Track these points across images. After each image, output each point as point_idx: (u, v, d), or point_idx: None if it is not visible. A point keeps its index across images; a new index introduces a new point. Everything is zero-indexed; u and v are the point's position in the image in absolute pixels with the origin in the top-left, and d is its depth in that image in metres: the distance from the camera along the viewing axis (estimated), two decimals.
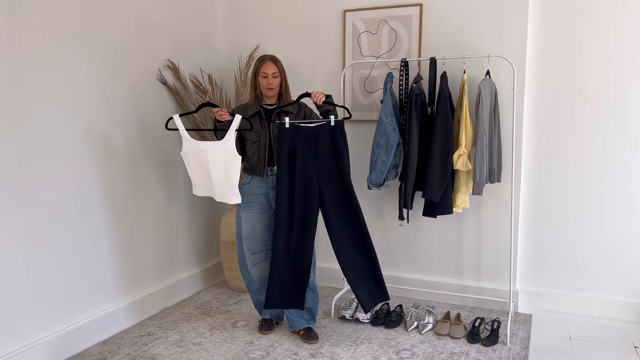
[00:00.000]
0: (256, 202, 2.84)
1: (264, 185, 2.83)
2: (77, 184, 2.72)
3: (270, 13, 3.72)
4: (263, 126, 2.79)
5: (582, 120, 3.08)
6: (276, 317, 3.04)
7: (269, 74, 2.75)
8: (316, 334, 2.89)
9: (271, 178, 2.81)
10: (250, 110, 2.81)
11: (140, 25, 3.09)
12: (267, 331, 2.95)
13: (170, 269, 3.45)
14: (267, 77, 2.76)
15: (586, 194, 3.12)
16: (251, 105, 2.83)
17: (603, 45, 2.99)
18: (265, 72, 2.75)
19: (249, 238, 2.88)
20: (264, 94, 2.80)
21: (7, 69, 2.35)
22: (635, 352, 2.73)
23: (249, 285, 3.01)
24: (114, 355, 2.70)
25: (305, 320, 2.90)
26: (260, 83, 2.78)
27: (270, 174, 2.81)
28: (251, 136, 2.78)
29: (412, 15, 3.28)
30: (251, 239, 2.88)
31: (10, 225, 2.39)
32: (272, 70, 2.76)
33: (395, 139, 2.93)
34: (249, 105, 2.84)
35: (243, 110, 2.83)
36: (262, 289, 2.97)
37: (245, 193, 2.84)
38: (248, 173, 2.84)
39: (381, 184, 3.00)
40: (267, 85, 2.76)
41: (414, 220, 3.44)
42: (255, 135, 2.77)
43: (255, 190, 2.83)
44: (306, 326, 2.89)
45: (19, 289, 2.45)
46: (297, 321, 2.90)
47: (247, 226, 2.86)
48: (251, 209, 2.85)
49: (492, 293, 3.28)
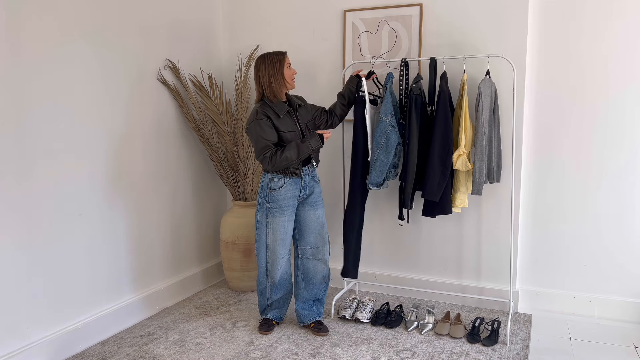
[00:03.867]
0: (289, 206, 2.80)
1: (296, 187, 2.79)
2: (77, 184, 2.72)
3: (270, 13, 3.72)
4: (296, 124, 2.80)
5: (582, 120, 3.08)
6: (277, 317, 3.04)
7: (290, 64, 2.82)
8: (326, 326, 2.94)
9: (304, 178, 2.81)
10: (278, 109, 2.73)
11: (140, 25, 3.09)
12: (267, 331, 2.95)
13: (170, 269, 3.45)
14: (290, 68, 2.80)
15: (586, 194, 3.12)
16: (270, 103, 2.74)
17: (603, 45, 2.99)
18: (289, 62, 2.80)
19: (282, 243, 2.83)
20: (290, 85, 2.81)
21: (7, 69, 2.35)
22: (635, 352, 2.73)
23: (264, 289, 2.97)
24: (114, 355, 2.70)
25: (316, 313, 2.97)
26: (287, 74, 2.78)
27: (303, 174, 2.80)
28: (287, 136, 2.74)
29: (412, 15, 3.28)
30: (284, 243, 2.84)
31: (10, 225, 2.39)
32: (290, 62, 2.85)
33: (395, 139, 2.93)
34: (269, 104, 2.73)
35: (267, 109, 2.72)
36: (279, 289, 2.97)
37: (277, 198, 2.77)
38: (282, 174, 2.76)
39: (381, 183, 3.00)
40: (292, 75, 2.80)
41: (414, 220, 3.44)
42: (293, 135, 2.76)
43: (288, 194, 2.78)
44: (317, 319, 2.95)
45: (19, 288, 2.45)
46: (308, 315, 2.95)
47: (280, 231, 2.80)
48: (284, 213, 2.80)
49: (492, 293, 3.29)
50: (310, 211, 2.89)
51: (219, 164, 3.58)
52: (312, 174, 2.87)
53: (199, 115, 3.50)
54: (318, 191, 2.92)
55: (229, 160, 3.56)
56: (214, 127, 3.51)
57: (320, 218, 2.92)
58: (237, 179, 3.59)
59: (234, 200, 3.66)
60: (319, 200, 2.92)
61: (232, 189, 3.66)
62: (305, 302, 2.99)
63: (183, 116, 3.49)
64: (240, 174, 3.57)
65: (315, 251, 2.93)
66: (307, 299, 2.99)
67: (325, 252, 2.95)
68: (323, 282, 2.98)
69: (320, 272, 2.95)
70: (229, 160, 3.56)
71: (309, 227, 2.90)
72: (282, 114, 2.73)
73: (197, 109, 3.50)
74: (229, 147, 3.51)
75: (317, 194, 2.92)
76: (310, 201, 2.89)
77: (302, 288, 2.98)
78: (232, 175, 3.59)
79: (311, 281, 2.96)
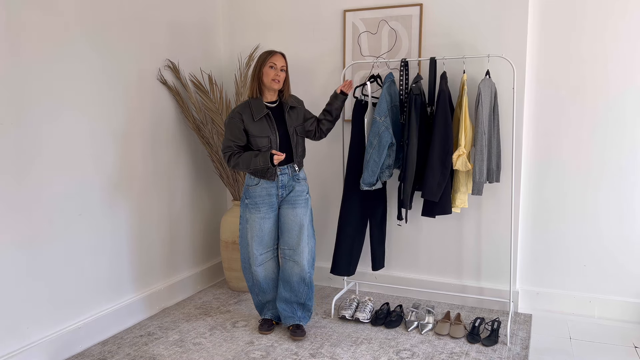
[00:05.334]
0: (264, 203, 2.80)
1: (272, 185, 2.79)
2: (77, 184, 2.72)
3: (270, 13, 3.72)
4: (272, 129, 2.73)
5: (582, 120, 3.08)
6: (276, 317, 3.03)
7: (277, 66, 2.72)
8: (303, 331, 2.89)
9: (280, 178, 2.78)
10: (255, 111, 2.71)
11: (140, 25, 3.09)
12: (267, 331, 2.95)
13: (170, 269, 3.45)
14: (274, 69, 2.71)
15: (586, 194, 3.12)
16: (253, 102, 2.74)
17: (603, 45, 2.99)
18: (275, 62, 2.71)
19: (258, 239, 2.85)
20: (268, 86, 2.72)
21: (7, 69, 2.35)
22: (635, 352, 2.73)
23: (252, 286, 3.00)
24: (114, 355, 2.70)
25: (297, 317, 2.93)
26: (266, 73, 2.70)
27: (281, 172, 2.78)
28: (257, 141, 2.71)
29: (412, 15, 3.28)
30: (260, 240, 2.85)
31: (10, 225, 2.40)
32: (281, 64, 2.73)
33: (388, 139, 2.92)
34: (250, 104, 2.74)
35: (245, 109, 2.73)
36: (266, 289, 2.97)
37: (253, 194, 2.80)
38: (257, 177, 2.79)
39: (374, 183, 3.00)
40: (273, 76, 2.70)
41: (414, 220, 3.44)
42: (267, 140, 2.71)
43: (263, 192, 2.79)
44: (295, 323, 2.92)
45: (19, 289, 2.45)
46: (288, 317, 2.93)
47: (255, 227, 2.82)
48: (259, 210, 2.81)
49: (492, 293, 3.29)
50: (288, 209, 2.84)
51: (219, 164, 3.58)
52: (292, 174, 2.82)
53: (199, 115, 3.50)
54: (299, 190, 2.84)
55: None
56: (214, 127, 3.51)
57: (299, 218, 2.83)
58: (237, 179, 3.60)
59: (234, 200, 3.66)
60: (299, 200, 2.84)
61: (232, 189, 3.66)
62: (287, 304, 2.94)
63: (183, 116, 3.49)
64: (240, 174, 3.57)
65: (292, 252, 2.86)
66: (289, 301, 2.93)
67: (301, 254, 2.84)
68: (302, 284, 2.89)
69: (297, 274, 2.87)
70: None
71: (286, 225, 2.84)
72: (258, 117, 2.69)
73: (197, 109, 3.50)
74: None
75: (298, 192, 2.84)
76: (289, 199, 2.83)
77: (280, 287, 2.95)
78: (232, 175, 3.59)
79: (288, 282, 2.91)
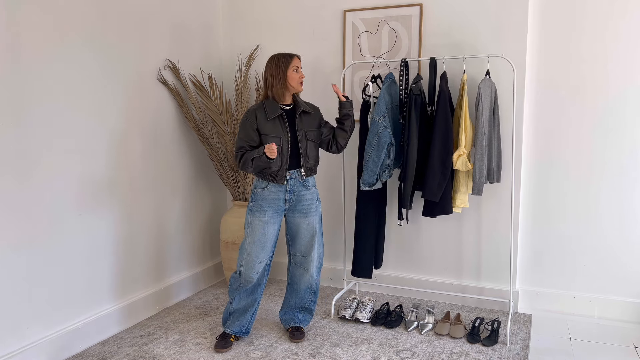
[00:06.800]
0: (270, 207, 2.70)
1: (280, 189, 2.70)
2: (76, 184, 2.72)
3: (270, 13, 3.72)
4: (285, 130, 2.67)
5: (582, 120, 3.08)
6: (238, 332, 2.83)
7: (299, 68, 2.72)
8: (302, 333, 2.88)
9: (289, 182, 2.70)
10: (269, 111, 2.67)
11: (140, 25, 3.09)
12: (223, 349, 2.73)
13: (170, 269, 3.45)
14: (298, 71, 2.71)
15: (586, 194, 3.12)
16: (267, 103, 2.69)
17: (603, 45, 2.99)
18: (297, 65, 2.70)
19: (260, 245, 2.70)
20: (295, 88, 2.71)
21: (7, 69, 2.35)
22: (635, 352, 2.73)
23: (236, 289, 2.80)
24: (114, 355, 2.70)
25: (298, 319, 2.92)
26: (292, 77, 2.68)
27: (290, 177, 2.71)
28: (269, 140, 2.65)
29: (412, 15, 3.28)
30: (262, 246, 2.70)
31: (9, 226, 2.39)
32: (300, 65, 2.74)
33: (387, 139, 2.92)
34: (265, 104, 2.69)
35: (260, 108, 2.69)
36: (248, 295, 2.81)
37: (260, 197, 2.70)
38: (266, 179, 2.69)
39: (373, 183, 3.00)
40: (299, 79, 2.71)
41: (414, 220, 3.44)
42: (279, 141, 2.65)
43: (271, 195, 2.69)
44: (295, 325, 2.91)
45: (18, 289, 2.45)
46: (289, 320, 2.93)
47: (259, 232, 2.69)
48: (264, 214, 2.69)
49: (492, 293, 3.29)
50: (300, 218, 2.77)
51: (219, 164, 3.58)
52: (301, 179, 2.73)
53: (199, 115, 3.50)
54: (310, 198, 2.77)
55: (229, 161, 3.56)
56: (214, 127, 3.51)
57: (312, 225, 2.79)
58: (237, 179, 3.60)
59: (234, 200, 3.67)
60: (310, 208, 2.78)
61: (232, 189, 3.66)
62: (290, 310, 2.93)
63: (183, 116, 3.49)
64: (240, 174, 3.57)
65: (303, 259, 2.83)
66: (292, 307, 2.92)
67: (311, 262, 2.82)
68: (309, 290, 2.88)
69: (306, 282, 2.85)
70: (229, 161, 3.56)
71: (300, 233, 2.80)
72: (271, 117, 2.65)
73: (197, 109, 3.50)
74: (229, 147, 3.51)
75: (309, 201, 2.77)
76: (300, 208, 2.76)
77: (287, 295, 2.94)
78: (232, 175, 3.59)
79: (295, 289, 2.89)
